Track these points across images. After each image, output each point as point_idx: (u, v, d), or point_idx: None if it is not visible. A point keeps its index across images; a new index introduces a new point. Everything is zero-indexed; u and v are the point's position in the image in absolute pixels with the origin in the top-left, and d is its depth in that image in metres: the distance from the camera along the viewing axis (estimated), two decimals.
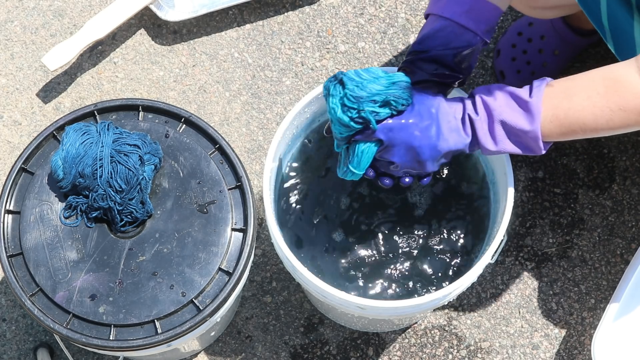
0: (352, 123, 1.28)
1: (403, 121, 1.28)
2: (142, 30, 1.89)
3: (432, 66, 1.32)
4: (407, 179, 1.35)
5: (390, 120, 1.28)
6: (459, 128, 1.29)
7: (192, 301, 1.40)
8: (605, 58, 1.81)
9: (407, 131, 1.28)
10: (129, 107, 1.49)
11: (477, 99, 1.29)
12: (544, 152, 1.28)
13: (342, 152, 1.34)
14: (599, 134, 1.27)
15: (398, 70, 1.34)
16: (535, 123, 1.26)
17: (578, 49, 1.80)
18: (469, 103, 1.30)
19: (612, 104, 1.24)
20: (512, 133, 1.28)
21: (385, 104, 1.27)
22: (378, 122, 1.28)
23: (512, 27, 1.84)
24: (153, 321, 1.39)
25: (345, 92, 1.27)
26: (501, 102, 1.28)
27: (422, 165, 1.32)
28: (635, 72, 1.24)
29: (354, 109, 1.27)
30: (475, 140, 1.30)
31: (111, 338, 1.38)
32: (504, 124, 1.28)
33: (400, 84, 1.28)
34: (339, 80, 1.29)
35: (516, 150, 1.30)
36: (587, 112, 1.25)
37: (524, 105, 1.27)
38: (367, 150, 1.31)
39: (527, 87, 1.29)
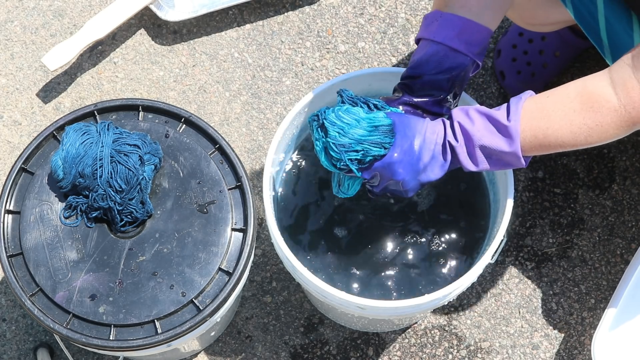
0: (335, 170, 1.31)
1: (386, 161, 1.30)
2: (142, 30, 1.89)
3: (426, 90, 1.33)
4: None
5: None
6: (439, 153, 1.30)
7: (192, 301, 1.40)
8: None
9: (391, 169, 1.30)
10: (129, 107, 1.49)
11: (456, 125, 1.30)
12: (525, 166, 1.30)
13: (334, 176, 1.37)
14: (580, 148, 1.29)
15: (393, 93, 1.35)
16: (514, 145, 1.27)
17: (579, 50, 1.80)
18: (449, 129, 1.31)
19: (589, 120, 1.25)
20: (493, 154, 1.29)
21: (367, 154, 1.29)
22: (361, 168, 1.31)
23: (513, 27, 1.84)
24: (153, 321, 1.39)
25: (328, 140, 1.29)
26: (479, 127, 1.29)
27: (406, 192, 1.34)
28: (608, 85, 1.24)
29: (338, 159, 1.29)
30: (456, 161, 1.31)
31: (111, 338, 1.38)
32: (483, 148, 1.29)
33: (381, 129, 1.29)
34: (320, 124, 1.30)
35: (498, 168, 1.32)
36: (565, 131, 1.27)
37: (502, 129, 1.28)
38: (353, 183, 1.36)
39: (504, 109, 1.29)
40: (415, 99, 1.33)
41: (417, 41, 1.37)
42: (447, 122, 1.31)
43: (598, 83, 1.25)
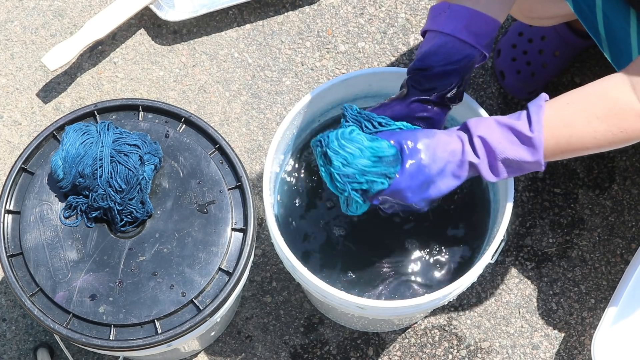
0: (342, 197, 1.30)
1: (394, 188, 1.27)
2: (142, 30, 1.89)
3: (435, 82, 1.31)
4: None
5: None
6: (452, 173, 1.28)
7: (192, 301, 1.40)
8: (604, 58, 1.81)
9: (400, 195, 1.28)
10: (129, 107, 1.49)
11: (476, 140, 1.26)
12: (543, 169, 1.29)
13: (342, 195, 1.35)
14: (600, 151, 1.28)
15: (400, 89, 1.34)
16: (538, 154, 1.25)
17: (578, 50, 1.80)
18: (467, 145, 1.27)
19: (613, 127, 1.25)
20: (514, 164, 1.27)
21: (372, 186, 1.26)
22: (369, 197, 1.28)
23: (512, 27, 1.84)
24: (153, 321, 1.39)
25: (332, 170, 1.26)
26: (500, 139, 1.26)
27: (418, 210, 1.32)
28: (630, 91, 1.24)
29: (343, 189, 1.27)
30: (473, 173, 1.29)
31: (111, 338, 1.38)
32: (505, 160, 1.26)
33: (385, 160, 1.26)
34: (323, 152, 1.27)
35: (517, 174, 1.29)
36: (589, 137, 1.26)
37: (526, 140, 1.25)
38: (361, 205, 1.32)
39: (525, 118, 1.26)
40: (423, 96, 1.32)
41: (423, 34, 1.35)
42: (465, 138, 1.27)
43: (619, 89, 1.24)
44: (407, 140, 1.27)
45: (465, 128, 1.29)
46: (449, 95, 1.33)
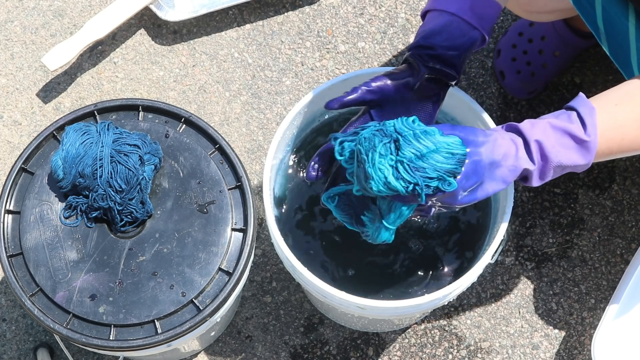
0: (404, 191, 1.17)
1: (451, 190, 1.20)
2: (142, 30, 1.89)
3: (437, 63, 1.30)
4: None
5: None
6: (502, 177, 1.22)
7: (192, 301, 1.40)
8: (605, 58, 1.81)
9: (452, 197, 1.21)
10: (129, 107, 1.49)
11: (533, 145, 1.21)
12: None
13: (369, 215, 1.26)
14: None
15: (402, 63, 1.34)
16: (589, 157, 1.22)
17: (578, 50, 1.80)
18: (522, 150, 1.22)
19: None
20: (560, 168, 1.24)
21: (440, 179, 1.17)
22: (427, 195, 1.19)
23: (512, 27, 1.84)
24: (153, 321, 1.39)
25: (402, 159, 1.15)
26: (554, 143, 1.21)
27: (451, 212, 1.27)
28: None
29: (410, 182, 1.16)
30: (519, 177, 1.25)
31: (111, 338, 1.38)
32: (557, 166, 1.23)
33: (457, 157, 1.18)
34: (393, 139, 1.17)
35: (558, 175, 1.26)
36: None
37: (581, 142, 1.22)
38: (407, 211, 1.22)
39: (576, 119, 1.22)
40: (431, 74, 1.29)
41: (423, 15, 1.33)
42: (519, 142, 1.22)
43: None
44: (468, 138, 1.20)
45: (516, 130, 1.24)
46: (452, 80, 1.31)
